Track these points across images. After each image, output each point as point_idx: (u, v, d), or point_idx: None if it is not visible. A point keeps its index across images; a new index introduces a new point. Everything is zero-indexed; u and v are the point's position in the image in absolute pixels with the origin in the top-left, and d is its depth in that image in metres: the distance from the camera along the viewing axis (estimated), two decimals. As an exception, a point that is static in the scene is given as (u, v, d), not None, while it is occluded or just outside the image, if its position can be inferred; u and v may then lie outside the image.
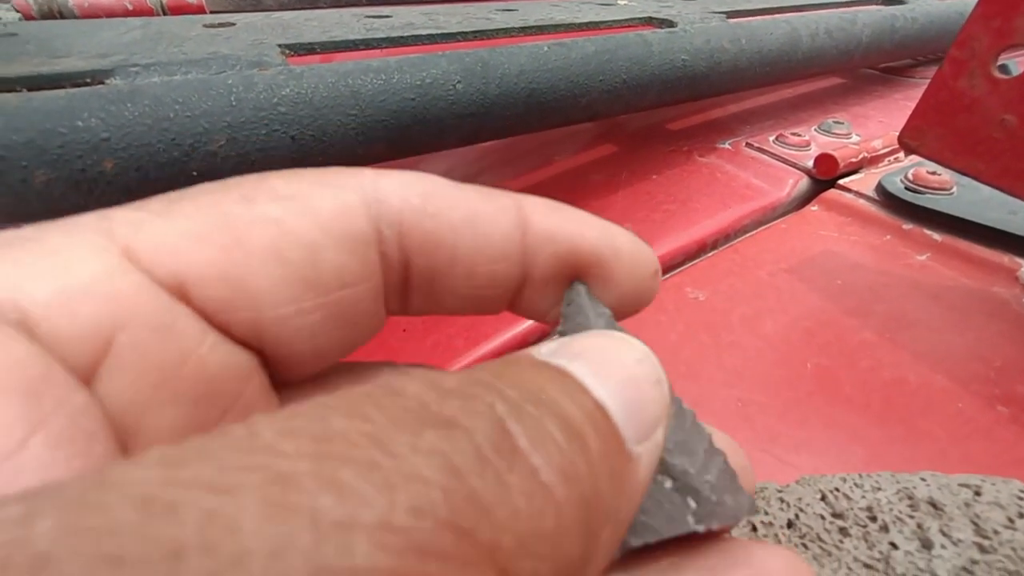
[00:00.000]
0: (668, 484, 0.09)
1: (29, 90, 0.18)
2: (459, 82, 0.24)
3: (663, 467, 0.09)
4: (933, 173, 0.32)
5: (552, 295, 0.11)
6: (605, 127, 0.45)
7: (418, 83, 0.23)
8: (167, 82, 0.19)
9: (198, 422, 0.09)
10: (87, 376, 0.08)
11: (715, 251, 0.31)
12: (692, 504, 0.08)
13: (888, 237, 0.30)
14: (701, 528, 0.08)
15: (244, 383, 0.09)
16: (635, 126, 0.45)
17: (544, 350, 0.08)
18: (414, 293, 0.11)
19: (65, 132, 0.17)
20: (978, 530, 0.13)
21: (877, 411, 0.21)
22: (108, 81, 0.19)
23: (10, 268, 0.07)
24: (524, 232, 0.10)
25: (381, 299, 0.10)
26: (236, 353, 0.09)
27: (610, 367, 0.08)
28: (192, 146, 0.19)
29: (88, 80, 0.19)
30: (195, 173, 0.19)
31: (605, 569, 0.08)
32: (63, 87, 0.18)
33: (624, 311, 0.11)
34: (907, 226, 0.31)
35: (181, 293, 0.08)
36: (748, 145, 0.39)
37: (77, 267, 0.08)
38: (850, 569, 0.13)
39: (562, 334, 0.10)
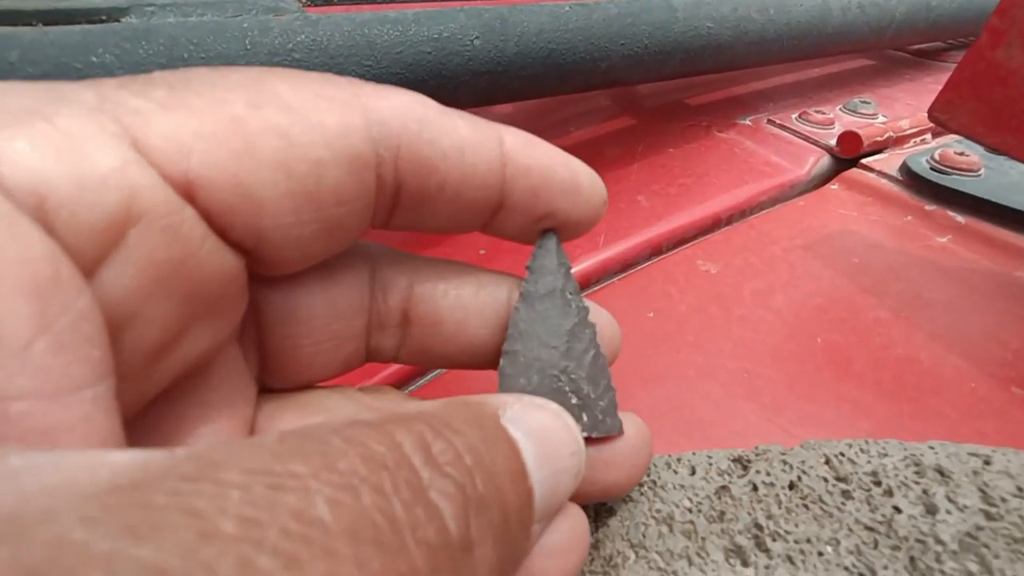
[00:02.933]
0: (574, 400, 0.12)
1: (45, 24, 0.18)
2: (476, 38, 0.23)
3: (575, 387, 0.12)
4: (961, 154, 0.31)
5: (522, 220, 0.12)
6: (623, 100, 0.44)
7: (435, 36, 0.22)
8: (182, 23, 0.19)
9: (185, 317, 0.09)
10: (93, 267, 0.08)
11: (729, 226, 0.30)
12: (585, 418, 0.12)
13: (909, 218, 0.30)
14: (586, 434, 0.12)
15: (229, 284, 0.09)
16: (654, 100, 0.44)
17: (511, 413, 0.09)
18: (400, 211, 0.11)
19: (80, 67, 0.17)
20: (985, 497, 0.12)
21: (887, 388, 0.21)
22: (123, 19, 0.19)
23: (26, 149, 0.07)
24: (504, 164, 0.11)
25: (370, 215, 0.11)
26: (229, 256, 0.09)
27: (550, 459, 0.09)
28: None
29: (104, 17, 0.18)
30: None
31: None
32: (79, 23, 0.18)
33: (575, 233, 0.13)
34: (930, 207, 0.30)
35: (188, 193, 0.08)
36: (769, 122, 0.38)
37: (95, 156, 0.07)
38: (851, 531, 0.13)
39: (524, 294, 0.12)
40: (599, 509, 0.14)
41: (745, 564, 0.13)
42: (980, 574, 0.11)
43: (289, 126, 0.09)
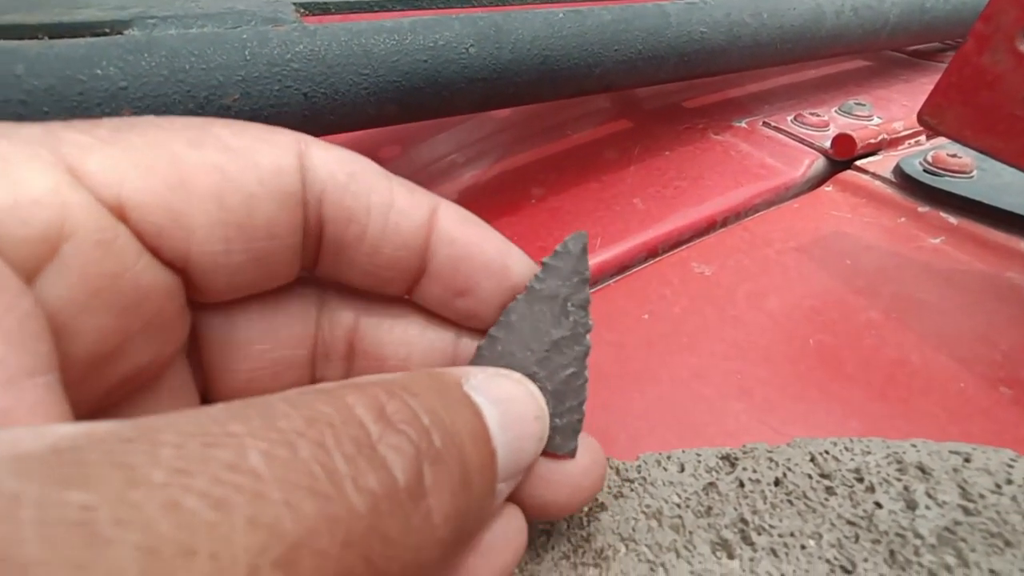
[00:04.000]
0: None
1: (50, 38, 0.18)
2: (472, 46, 0.23)
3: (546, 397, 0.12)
4: (953, 156, 0.31)
5: (442, 291, 0.12)
6: (620, 104, 0.44)
7: (431, 45, 0.23)
8: (183, 34, 0.19)
9: (123, 328, 0.09)
10: (31, 276, 0.08)
11: (724, 228, 0.31)
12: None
13: (902, 219, 0.30)
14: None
15: (167, 300, 0.10)
16: (650, 103, 0.44)
17: (474, 382, 0.10)
18: (323, 257, 0.12)
19: (84, 80, 0.17)
20: (964, 494, 0.13)
21: (878, 388, 0.21)
22: (126, 32, 0.19)
23: None
24: (430, 231, 0.12)
25: (298, 257, 0.11)
26: (164, 274, 0.10)
27: (513, 423, 0.10)
28: (207, 98, 0.19)
29: (107, 30, 0.19)
30: (209, 126, 0.20)
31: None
32: (83, 36, 0.18)
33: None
34: (923, 209, 0.30)
35: (121, 215, 0.09)
36: (765, 124, 0.39)
37: (29, 179, 0.08)
38: (833, 525, 0.13)
39: (529, 288, 0.12)
40: (592, 506, 0.15)
41: (731, 556, 0.13)
42: (957, 567, 0.12)
43: (225, 163, 0.10)
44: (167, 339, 0.10)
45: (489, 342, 0.12)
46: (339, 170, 0.11)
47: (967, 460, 0.13)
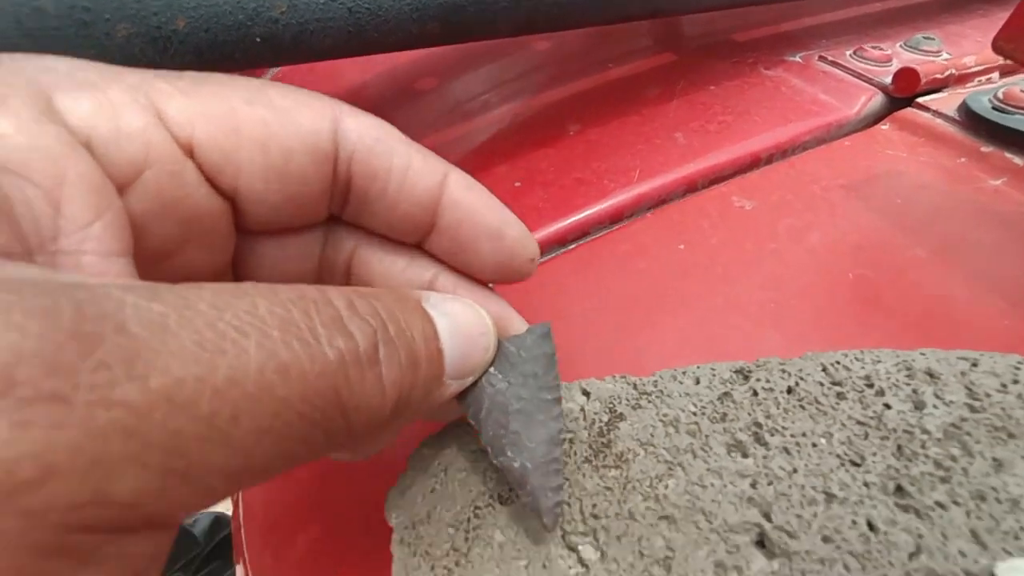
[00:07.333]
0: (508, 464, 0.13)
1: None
2: (517, -39, 0.23)
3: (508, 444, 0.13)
4: (1028, 91, 0.29)
5: (448, 245, 0.14)
6: (664, 38, 0.42)
7: (475, -41, 0.22)
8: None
9: (182, 236, 0.12)
10: (121, 190, 0.11)
11: (769, 165, 0.30)
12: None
13: (963, 159, 0.28)
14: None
15: (218, 220, 0.13)
16: (698, 38, 0.42)
17: (432, 300, 0.12)
18: (349, 206, 0.14)
19: None
20: (971, 394, 0.13)
21: (915, 321, 0.21)
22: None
23: (87, 107, 0.10)
24: (442, 193, 0.14)
25: (327, 203, 0.14)
26: (217, 200, 0.12)
27: (461, 332, 0.13)
28: (255, 10, 0.19)
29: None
30: (258, 39, 0.20)
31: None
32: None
33: (501, 281, 0.15)
34: (986, 148, 0.28)
35: (189, 151, 0.12)
36: (821, 59, 0.37)
37: (128, 118, 0.11)
38: (843, 425, 0.13)
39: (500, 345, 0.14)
40: (611, 419, 0.15)
41: (745, 455, 0.14)
42: (961, 456, 0.12)
43: (271, 119, 0.12)
44: (214, 250, 0.13)
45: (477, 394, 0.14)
46: (367, 135, 0.13)
47: (974, 364, 0.14)
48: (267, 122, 0.12)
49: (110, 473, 0.07)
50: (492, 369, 0.14)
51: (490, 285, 0.16)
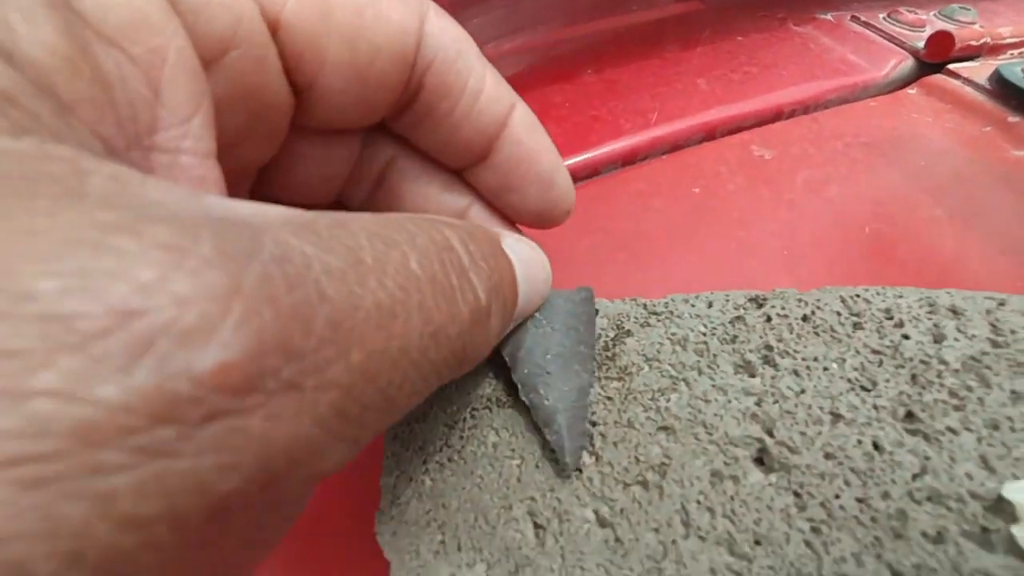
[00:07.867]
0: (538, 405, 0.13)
1: None
2: None
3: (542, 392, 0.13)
4: (1064, 62, 0.28)
5: (496, 180, 0.14)
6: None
7: None
8: None
9: (246, 129, 0.11)
10: (205, 68, 0.10)
11: (791, 119, 0.29)
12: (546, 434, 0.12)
13: (989, 128, 0.28)
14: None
15: (282, 116, 0.11)
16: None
17: (508, 241, 0.12)
18: (407, 115, 0.13)
19: None
20: (995, 330, 0.13)
21: (929, 279, 0.20)
22: None
23: None
24: (504, 126, 0.13)
25: (389, 108, 0.12)
26: (289, 96, 0.11)
27: (530, 277, 0.12)
28: None
29: None
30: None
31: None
32: None
33: (534, 223, 0.14)
34: (1014, 119, 0.28)
35: (275, 32, 0.10)
36: (853, 19, 0.35)
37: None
38: (858, 352, 0.13)
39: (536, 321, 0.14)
40: (618, 335, 0.15)
41: (752, 375, 0.13)
42: (978, 387, 0.12)
43: (365, 7, 0.10)
44: (263, 147, 0.12)
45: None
46: (451, 45, 0.12)
47: (1001, 304, 0.13)
48: (360, 10, 0.10)
49: (323, 456, 0.07)
50: (536, 313, 0.14)
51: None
